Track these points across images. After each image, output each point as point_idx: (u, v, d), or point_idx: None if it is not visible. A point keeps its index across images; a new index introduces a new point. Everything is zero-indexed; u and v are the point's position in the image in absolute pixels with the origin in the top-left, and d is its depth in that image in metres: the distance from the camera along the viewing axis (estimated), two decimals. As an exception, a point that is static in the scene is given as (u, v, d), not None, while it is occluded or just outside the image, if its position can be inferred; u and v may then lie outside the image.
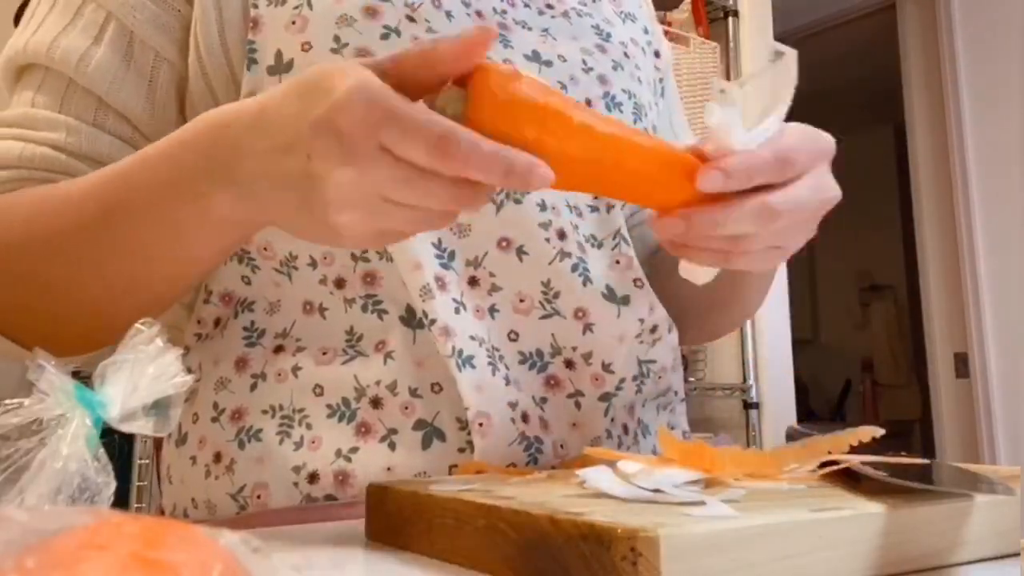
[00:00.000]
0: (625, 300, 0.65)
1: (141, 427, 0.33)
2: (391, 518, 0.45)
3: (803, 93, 0.54)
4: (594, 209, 0.67)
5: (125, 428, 0.32)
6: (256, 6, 0.61)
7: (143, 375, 0.33)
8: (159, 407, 0.33)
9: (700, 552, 0.32)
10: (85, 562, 0.21)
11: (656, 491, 0.40)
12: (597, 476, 0.42)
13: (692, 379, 2.28)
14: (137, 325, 0.34)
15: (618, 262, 0.67)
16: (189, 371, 0.37)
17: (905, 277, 4.46)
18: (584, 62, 0.67)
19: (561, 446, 0.62)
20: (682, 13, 2.40)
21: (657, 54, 0.79)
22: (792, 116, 0.52)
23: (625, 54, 0.72)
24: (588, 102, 0.67)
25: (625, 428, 0.66)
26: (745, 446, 2.31)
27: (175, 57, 0.63)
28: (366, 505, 0.47)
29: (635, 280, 0.67)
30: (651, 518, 0.33)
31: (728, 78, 2.45)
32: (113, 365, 0.33)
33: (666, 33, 2.30)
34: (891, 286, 4.70)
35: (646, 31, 0.79)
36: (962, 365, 3.01)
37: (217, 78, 0.62)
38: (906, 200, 3.42)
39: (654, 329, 0.67)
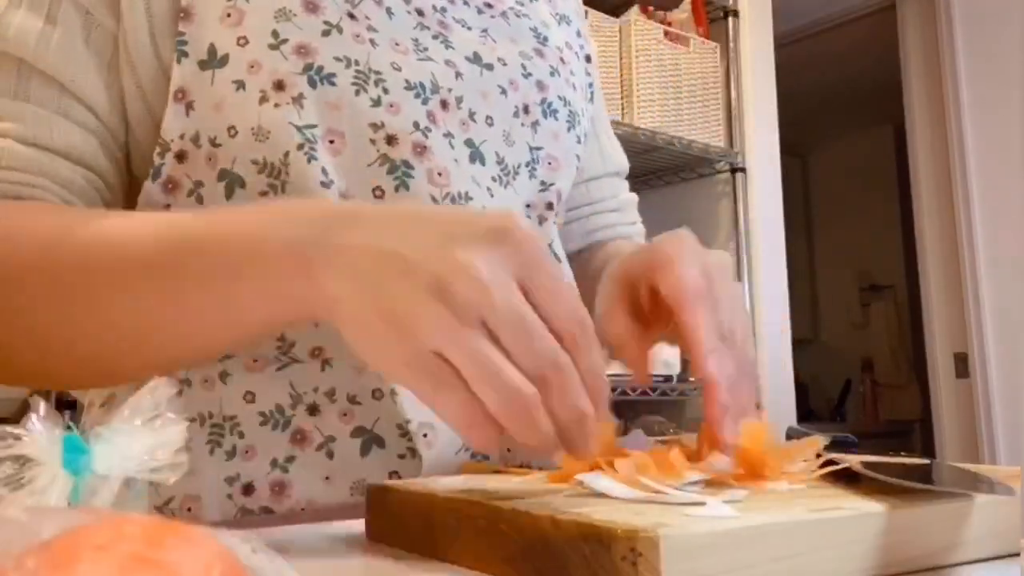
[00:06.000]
0: None
1: (104, 501, 0.32)
2: (391, 518, 0.45)
3: (803, 93, 0.55)
4: (526, 217, 0.65)
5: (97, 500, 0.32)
6: None
7: (140, 446, 0.32)
8: (133, 482, 0.33)
9: (700, 552, 0.32)
10: (85, 562, 0.21)
11: (656, 491, 0.40)
12: (597, 477, 0.42)
13: (692, 379, 2.28)
14: (153, 384, 0.33)
15: None
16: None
17: (905, 277, 4.46)
18: (523, 67, 0.66)
19: (508, 450, 0.60)
20: (682, 13, 2.40)
21: (588, 59, 0.77)
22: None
23: (561, 59, 0.70)
24: (526, 108, 0.65)
25: None
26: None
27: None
28: (366, 505, 0.47)
29: None
30: (651, 518, 0.33)
31: (728, 78, 2.45)
32: (117, 431, 0.32)
33: (666, 33, 2.30)
34: (891, 286, 4.70)
35: (579, 34, 0.77)
36: (962, 365, 3.01)
37: (146, 72, 0.57)
38: (906, 200, 3.42)
39: None
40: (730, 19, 2.49)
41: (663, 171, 2.46)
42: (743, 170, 2.42)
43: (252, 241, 0.44)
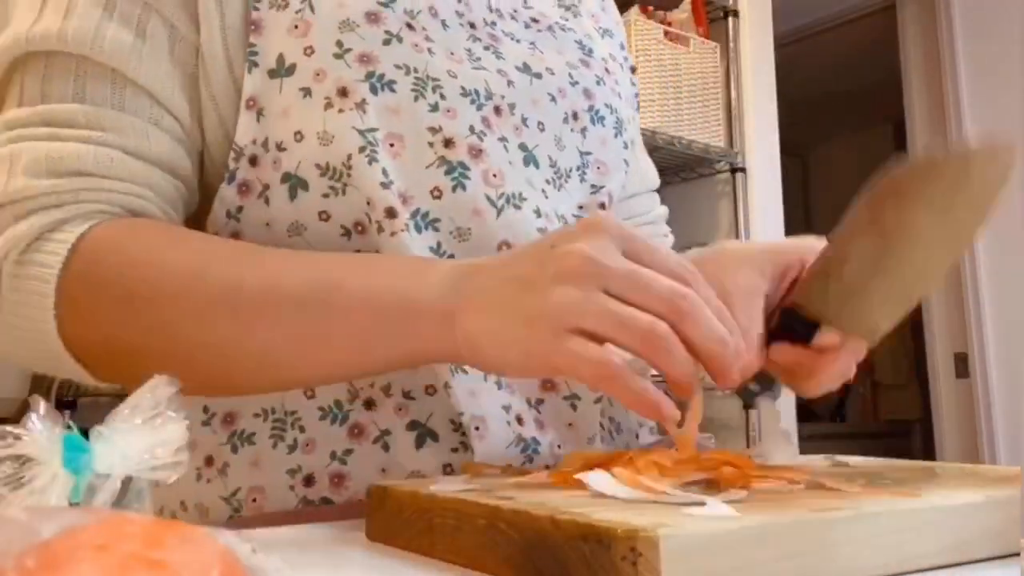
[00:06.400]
0: None
1: (104, 500, 0.32)
2: (391, 518, 0.45)
3: (803, 94, 0.55)
4: (579, 220, 0.67)
5: (97, 500, 0.32)
6: (257, 8, 0.60)
7: (140, 445, 0.32)
8: (133, 481, 0.32)
9: (700, 552, 0.32)
10: (85, 562, 0.21)
11: (656, 491, 0.40)
12: (597, 477, 0.42)
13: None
14: (153, 383, 0.33)
15: None
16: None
17: (905, 277, 4.45)
18: (570, 75, 0.69)
19: (558, 446, 0.62)
20: (682, 13, 2.40)
21: (633, 70, 0.81)
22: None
23: (606, 69, 0.73)
24: (575, 115, 0.68)
25: (601, 425, 0.66)
26: (746, 446, 2.31)
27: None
28: (366, 505, 0.47)
29: None
30: (651, 518, 0.33)
31: (728, 78, 2.45)
32: (117, 430, 0.32)
33: (666, 33, 2.30)
34: (891, 286, 4.69)
35: (622, 47, 0.81)
36: (962, 365, 3.01)
37: (218, 82, 0.61)
38: (906, 200, 3.41)
39: None
40: (730, 19, 2.49)
41: (663, 171, 2.43)
42: (743, 170, 2.42)
43: (400, 299, 0.50)
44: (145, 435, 0.32)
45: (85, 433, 0.33)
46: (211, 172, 0.63)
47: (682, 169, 2.45)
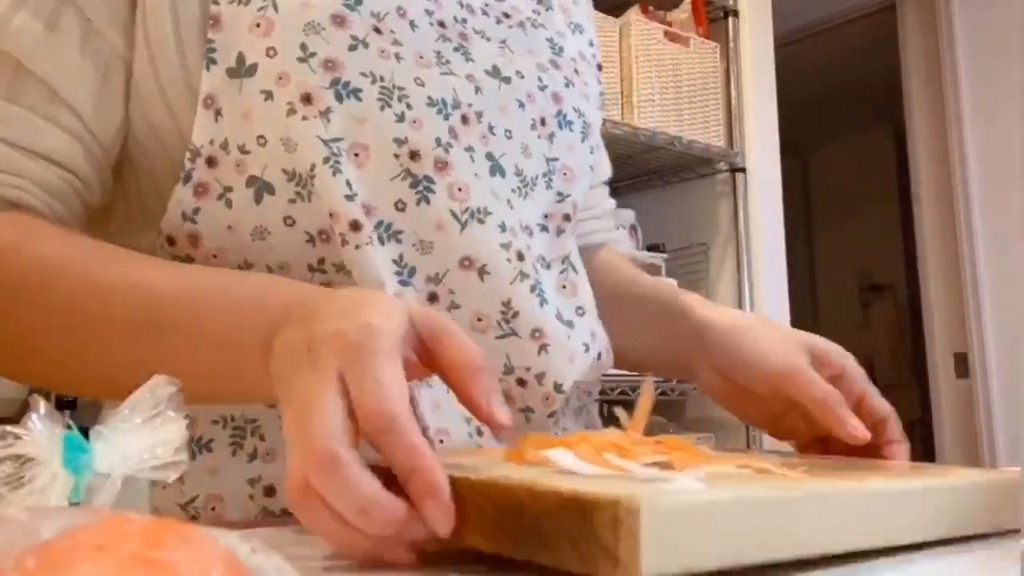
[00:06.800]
0: (570, 324, 0.64)
1: (105, 500, 0.32)
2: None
3: (803, 94, 0.55)
4: (543, 229, 0.66)
5: (98, 500, 0.32)
6: (217, 3, 0.57)
7: (140, 444, 0.32)
8: (133, 481, 0.33)
9: (679, 521, 0.32)
10: (85, 562, 0.22)
11: (620, 468, 0.40)
12: (560, 454, 0.41)
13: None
14: (153, 383, 0.34)
15: (564, 287, 0.66)
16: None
17: (905, 277, 4.45)
18: (540, 79, 0.67)
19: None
20: (682, 13, 2.40)
21: (599, 67, 0.78)
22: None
23: (576, 71, 0.71)
24: (543, 120, 0.66)
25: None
26: (745, 445, 2.31)
27: (128, 54, 0.59)
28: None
29: (577, 308, 0.66)
30: (628, 489, 0.33)
31: (728, 78, 2.45)
32: (117, 429, 0.32)
33: (666, 33, 2.30)
34: (891, 286, 4.69)
35: (591, 43, 0.78)
36: (962, 365, 3.01)
37: (167, 76, 0.58)
38: (906, 200, 3.42)
39: (600, 356, 0.67)
40: (730, 19, 2.49)
41: (663, 171, 2.46)
42: (743, 170, 2.42)
43: (230, 344, 0.49)
44: (145, 435, 0.33)
45: (85, 433, 0.33)
46: (162, 170, 0.61)
47: (682, 169, 2.45)
